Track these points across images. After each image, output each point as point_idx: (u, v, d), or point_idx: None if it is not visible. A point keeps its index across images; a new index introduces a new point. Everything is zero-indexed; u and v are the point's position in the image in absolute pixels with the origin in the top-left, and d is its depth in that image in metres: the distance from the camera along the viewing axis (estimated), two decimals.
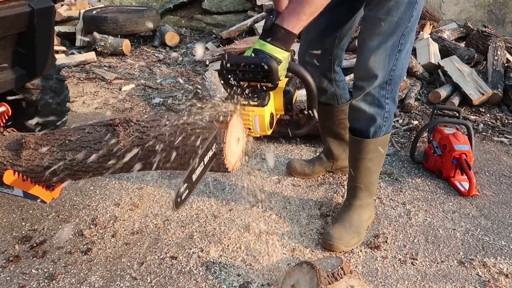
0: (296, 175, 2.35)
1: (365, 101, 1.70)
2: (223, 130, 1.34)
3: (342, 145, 2.22)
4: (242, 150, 1.53)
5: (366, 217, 1.91)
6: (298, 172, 2.34)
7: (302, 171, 2.33)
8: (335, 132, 2.17)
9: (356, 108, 1.74)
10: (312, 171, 2.33)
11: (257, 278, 1.66)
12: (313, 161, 2.35)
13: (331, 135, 2.20)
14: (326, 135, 2.22)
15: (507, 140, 2.88)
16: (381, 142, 1.78)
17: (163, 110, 3.39)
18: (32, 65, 1.92)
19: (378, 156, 1.81)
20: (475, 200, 2.19)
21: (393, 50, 1.61)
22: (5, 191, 1.61)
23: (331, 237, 1.80)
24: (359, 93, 1.70)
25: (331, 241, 1.80)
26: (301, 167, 2.34)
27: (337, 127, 2.14)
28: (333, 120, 2.12)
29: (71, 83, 3.86)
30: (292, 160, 2.39)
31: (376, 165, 1.85)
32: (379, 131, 1.75)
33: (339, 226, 1.84)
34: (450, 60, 3.54)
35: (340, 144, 2.22)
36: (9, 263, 1.72)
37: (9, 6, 1.70)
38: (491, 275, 1.70)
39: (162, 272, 1.69)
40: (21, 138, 1.56)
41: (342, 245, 1.79)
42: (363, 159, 1.80)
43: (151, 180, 2.33)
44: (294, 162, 2.36)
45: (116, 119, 1.48)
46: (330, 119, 2.12)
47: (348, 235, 1.81)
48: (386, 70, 1.63)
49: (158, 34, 5.14)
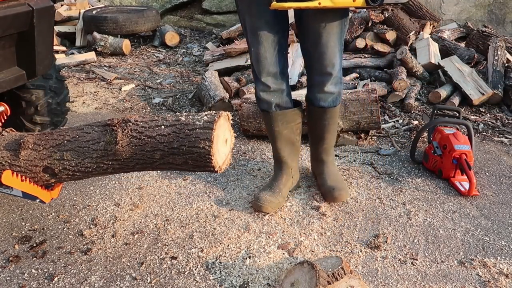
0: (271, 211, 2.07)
1: (333, 84, 2.01)
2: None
3: (297, 156, 2.21)
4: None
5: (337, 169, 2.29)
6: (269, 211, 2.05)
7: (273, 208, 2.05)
8: (291, 140, 2.12)
9: (327, 92, 2.02)
10: (283, 198, 2.11)
11: (257, 278, 1.65)
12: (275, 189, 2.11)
13: (287, 144, 2.11)
14: (282, 146, 2.12)
15: (507, 140, 2.88)
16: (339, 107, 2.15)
17: (163, 110, 3.40)
18: (31, 65, 1.91)
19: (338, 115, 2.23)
20: (475, 200, 2.18)
21: (340, 43, 1.95)
22: (4, 191, 1.61)
23: (335, 188, 2.10)
24: (329, 79, 1.98)
25: (338, 193, 2.09)
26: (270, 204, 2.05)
27: (294, 133, 2.12)
28: (291, 125, 2.08)
29: (71, 83, 3.86)
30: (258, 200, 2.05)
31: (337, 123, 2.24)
32: (339, 98, 2.10)
33: (333, 180, 2.15)
34: (450, 60, 3.53)
35: (296, 154, 2.18)
36: (9, 263, 1.72)
37: (9, 6, 1.70)
38: (491, 275, 1.70)
39: (162, 272, 1.69)
40: (20, 138, 1.56)
41: (346, 193, 2.12)
42: (333, 124, 2.14)
43: (151, 180, 2.33)
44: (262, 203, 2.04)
45: (114, 119, 1.48)
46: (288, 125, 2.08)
47: (343, 185, 2.15)
48: (339, 52, 1.97)
49: (158, 34, 5.14)
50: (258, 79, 1.98)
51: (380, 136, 2.88)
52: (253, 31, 1.88)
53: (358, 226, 1.97)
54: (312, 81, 2.05)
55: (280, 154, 2.14)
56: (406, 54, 3.42)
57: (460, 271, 1.72)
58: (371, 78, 3.53)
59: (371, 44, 3.70)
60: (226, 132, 1.49)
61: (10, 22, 1.71)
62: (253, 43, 1.91)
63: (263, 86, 1.98)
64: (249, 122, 2.77)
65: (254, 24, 1.87)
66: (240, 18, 1.97)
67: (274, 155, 2.19)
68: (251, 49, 1.93)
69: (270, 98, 2.00)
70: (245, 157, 2.60)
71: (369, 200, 2.17)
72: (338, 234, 1.92)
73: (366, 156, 2.61)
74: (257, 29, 1.87)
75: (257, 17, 1.85)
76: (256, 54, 1.92)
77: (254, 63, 1.96)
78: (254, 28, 1.87)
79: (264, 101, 2.02)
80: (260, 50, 1.90)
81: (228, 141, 1.52)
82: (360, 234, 1.92)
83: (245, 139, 2.84)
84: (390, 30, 3.75)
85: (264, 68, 1.94)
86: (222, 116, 1.43)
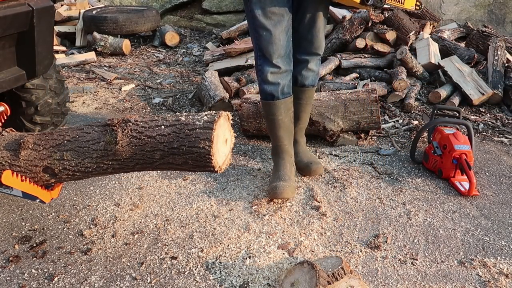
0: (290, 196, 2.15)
1: (316, 64, 2.25)
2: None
3: (292, 144, 2.31)
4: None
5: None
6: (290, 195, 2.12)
7: (292, 192, 2.13)
8: (290, 128, 2.24)
9: (312, 70, 2.24)
10: (295, 183, 2.20)
11: (257, 278, 1.65)
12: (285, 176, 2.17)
13: (287, 132, 2.23)
14: (284, 134, 2.21)
15: (507, 140, 2.88)
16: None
17: (163, 110, 3.40)
18: (31, 65, 1.91)
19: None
20: (475, 200, 2.19)
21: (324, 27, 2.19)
22: (4, 191, 1.61)
23: (314, 164, 2.32)
24: (315, 58, 2.22)
25: (316, 167, 2.31)
26: (290, 188, 2.12)
27: (290, 121, 2.23)
28: (289, 112, 2.20)
29: (71, 83, 3.86)
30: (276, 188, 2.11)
31: None
32: (317, 78, 2.33)
33: (308, 157, 2.36)
34: (450, 60, 3.53)
35: (292, 142, 2.30)
36: (9, 263, 1.72)
37: (9, 6, 1.70)
38: (491, 275, 1.70)
39: (162, 272, 1.69)
40: (20, 138, 1.56)
41: (322, 167, 2.36)
42: (310, 104, 2.35)
43: (151, 180, 2.33)
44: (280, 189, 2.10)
45: (114, 119, 1.48)
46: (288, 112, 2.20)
47: (318, 159, 2.37)
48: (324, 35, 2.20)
49: (158, 34, 5.14)
50: (268, 62, 2.05)
51: (380, 136, 2.89)
52: (267, 15, 1.97)
53: (358, 226, 1.97)
54: (298, 60, 2.20)
55: (282, 142, 2.23)
56: (406, 54, 3.42)
57: (460, 271, 1.72)
58: (371, 78, 3.53)
59: (371, 44, 3.70)
60: (226, 132, 1.49)
61: (10, 22, 1.71)
62: (267, 26, 1.98)
63: (274, 68, 2.05)
64: (249, 122, 2.77)
65: (268, 8, 1.97)
66: (247, 8, 2.03)
67: (275, 145, 2.25)
68: (262, 33, 2.00)
69: (278, 80, 2.08)
70: (245, 157, 2.60)
71: (369, 200, 2.17)
72: (338, 234, 1.92)
73: (366, 156, 2.61)
74: (272, 14, 1.98)
75: (273, 2, 1.96)
76: (270, 37, 2.00)
77: (266, 46, 2.02)
78: (269, 12, 1.97)
79: (272, 84, 2.08)
80: (274, 32, 1.99)
81: (228, 141, 1.52)
82: (360, 234, 1.92)
83: (245, 139, 2.84)
84: (390, 30, 3.75)
85: (278, 50, 2.03)
86: (222, 116, 1.43)
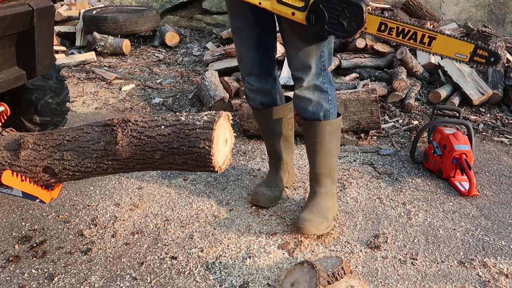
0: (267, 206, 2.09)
1: (308, 90, 1.81)
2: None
3: (291, 151, 2.19)
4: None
5: (331, 205, 1.95)
6: (267, 204, 2.08)
7: (271, 202, 2.09)
8: (284, 135, 2.11)
9: (301, 97, 1.83)
10: (280, 193, 2.14)
11: (257, 278, 1.65)
12: (272, 184, 2.13)
13: (280, 139, 2.12)
14: (275, 142, 2.12)
15: (507, 140, 2.88)
16: (334, 125, 1.89)
17: (163, 110, 3.40)
18: (31, 65, 1.91)
19: (335, 139, 1.92)
20: (475, 200, 2.18)
21: (318, 39, 1.74)
22: (5, 191, 1.61)
23: (302, 220, 1.84)
24: (300, 84, 1.82)
25: (302, 224, 1.83)
26: (268, 198, 2.08)
27: (286, 128, 2.10)
28: (282, 121, 2.08)
29: (71, 83, 3.86)
30: (256, 195, 2.09)
31: (334, 149, 1.94)
32: (328, 114, 1.85)
33: (308, 212, 1.88)
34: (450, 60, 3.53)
35: (289, 149, 2.17)
36: (9, 263, 1.72)
37: (9, 6, 1.70)
38: (491, 275, 1.70)
39: (162, 272, 1.69)
40: (20, 138, 1.56)
41: (313, 227, 1.84)
42: (321, 143, 1.88)
43: (151, 180, 2.33)
44: (260, 197, 2.08)
45: (114, 119, 1.48)
46: (279, 121, 2.07)
47: (318, 219, 1.86)
48: (317, 58, 1.77)
49: (158, 34, 5.14)
50: (242, 77, 2.02)
51: (380, 136, 2.88)
52: (235, 31, 1.91)
53: (358, 226, 1.97)
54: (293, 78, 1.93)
55: (274, 149, 2.14)
56: (406, 54, 3.42)
57: (460, 271, 1.72)
58: (371, 78, 3.53)
59: (371, 44, 3.70)
60: (226, 132, 1.49)
61: (10, 22, 1.71)
62: (236, 42, 1.93)
63: (247, 84, 2.00)
64: (249, 122, 2.77)
65: (235, 24, 1.89)
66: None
67: (268, 151, 2.20)
68: (236, 48, 1.96)
69: (255, 96, 2.01)
70: (245, 157, 2.60)
71: (369, 200, 2.17)
72: (338, 234, 1.92)
73: (366, 156, 2.61)
74: (239, 29, 1.88)
75: (238, 17, 1.86)
76: (239, 54, 1.95)
77: (238, 62, 2.00)
78: (236, 28, 1.90)
79: (250, 99, 2.04)
80: (242, 50, 1.92)
81: (228, 141, 1.52)
82: (360, 234, 1.92)
83: (245, 139, 2.84)
84: None
85: (247, 68, 1.96)
86: (222, 116, 1.43)
